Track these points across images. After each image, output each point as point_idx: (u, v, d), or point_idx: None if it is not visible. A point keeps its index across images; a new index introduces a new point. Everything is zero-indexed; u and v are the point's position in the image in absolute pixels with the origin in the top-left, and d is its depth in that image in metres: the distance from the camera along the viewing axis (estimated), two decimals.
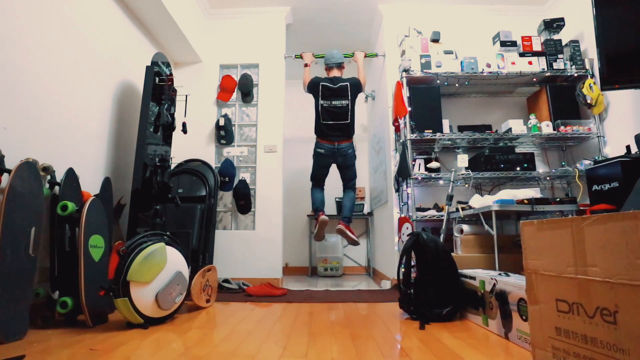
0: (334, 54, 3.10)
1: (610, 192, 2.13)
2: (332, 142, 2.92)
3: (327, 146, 2.92)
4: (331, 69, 3.08)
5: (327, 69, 3.12)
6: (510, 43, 3.07)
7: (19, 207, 1.53)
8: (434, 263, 1.86)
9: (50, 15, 1.96)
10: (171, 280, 1.81)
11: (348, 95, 2.95)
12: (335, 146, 2.91)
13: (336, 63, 3.07)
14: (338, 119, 2.93)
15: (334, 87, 2.95)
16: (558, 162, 3.26)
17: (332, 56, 3.09)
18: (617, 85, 2.26)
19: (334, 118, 2.93)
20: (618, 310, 0.81)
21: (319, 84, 2.97)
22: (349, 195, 3.02)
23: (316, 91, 2.98)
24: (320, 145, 2.95)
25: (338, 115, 2.93)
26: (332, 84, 2.96)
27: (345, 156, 2.93)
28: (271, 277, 3.18)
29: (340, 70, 3.09)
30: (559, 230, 0.98)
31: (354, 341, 1.47)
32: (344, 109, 2.94)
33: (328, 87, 2.96)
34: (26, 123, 1.79)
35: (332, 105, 2.94)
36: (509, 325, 1.46)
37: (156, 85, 2.57)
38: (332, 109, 2.94)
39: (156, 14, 2.81)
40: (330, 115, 2.93)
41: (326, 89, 2.96)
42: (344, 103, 2.94)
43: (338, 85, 2.95)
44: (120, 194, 2.53)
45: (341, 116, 2.93)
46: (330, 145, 2.91)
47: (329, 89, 2.95)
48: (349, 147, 2.94)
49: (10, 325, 1.43)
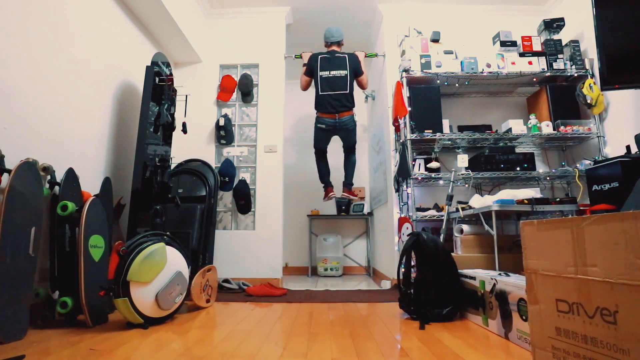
0: (333, 33, 3.14)
1: (610, 192, 2.13)
2: (333, 115, 2.92)
3: (328, 120, 2.93)
4: (330, 45, 3.13)
5: (326, 45, 3.16)
6: (510, 43, 3.07)
7: (19, 207, 1.53)
8: (434, 263, 1.86)
9: (50, 15, 1.96)
10: (171, 280, 1.81)
11: (347, 66, 2.98)
12: (336, 120, 2.92)
13: (336, 41, 3.13)
14: (337, 88, 2.95)
15: (330, 57, 3.00)
16: (558, 162, 3.26)
17: (331, 35, 3.14)
18: (617, 85, 2.25)
19: (333, 88, 2.94)
20: (618, 310, 0.81)
21: (318, 57, 3.03)
22: (352, 159, 3.16)
23: (315, 64, 3.02)
24: (321, 120, 2.95)
25: (337, 85, 2.95)
26: (330, 55, 3.02)
27: (347, 130, 2.97)
28: (271, 277, 3.18)
29: (339, 47, 3.15)
30: (559, 230, 0.98)
31: (354, 341, 1.47)
32: (343, 79, 2.96)
33: (327, 58, 3.01)
34: (26, 123, 1.79)
35: (332, 75, 2.97)
36: (509, 325, 1.46)
37: (156, 85, 2.57)
38: (331, 79, 2.96)
39: (156, 14, 2.81)
40: (330, 85, 2.95)
41: (325, 60, 3.01)
42: (343, 73, 2.97)
43: (336, 56, 3.01)
44: (120, 194, 2.53)
45: (340, 86, 2.95)
46: (331, 119, 2.92)
47: (327, 60, 3.00)
48: (350, 119, 2.96)
49: (10, 325, 1.43)
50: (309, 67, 3.12)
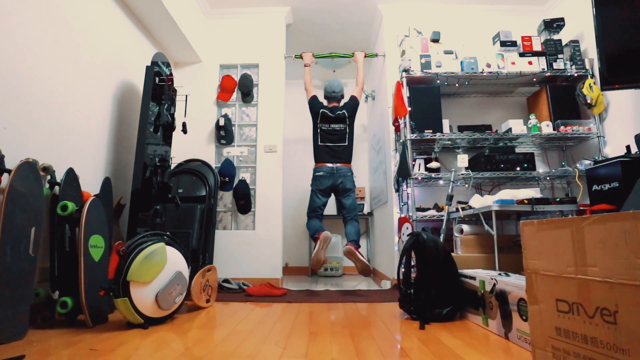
0: (334, 88, 3.13)
1: (610, 192, 2.13)
2: (332, 164, 2.95)
3: (326, 168, 2.95)
4: (331, 102, 3.14)
5: (326, 98, 3.16)
6: (510, 43, 3.07)
7: (19, 207, 1.53)
8: (434, 263, 1.86)
9: (50, 15, 1.96)
10: (171, 280, 1.80)
11: (346, 121, 3.03)
12: (334, 167, 2.94)
13: (336, 98, 3.13)
14: (337, 141, 2.99)
15: (332, 116, 3.03)
16: (558, 162, 3.26)
17: (332, 90, 3.13)
18: (617, 85, 2.25)
19: (332, 141, 2.99)
20: (618, 310, 0.81)
21: (319, 111, 3.04)
22: (353, 224, 2.89)
23: (316, 116, 3.06)
24: (318, 168, 2.98)
25: (337, 138, 3.00)
26: (331, 113, 3.04)
27: (345, 177, 2.93)
28: (271, 277, 3.18)
29: (339, 102, 3.16)
30: (559, 230, 0.98)
31: (354, 341, 1.47)
32: (342, 132, 3.02)
33: (327, 115, 3.03)
34: (26, 123, 1.79)
35: (331, 128, 3.02)
36: (509, 325, 1.46)
37: (156, 85, 2.57)
38: (330, 131, 3.01)
39: (156, 14, 2.81)
40: (329, 138, 3.00)
41: (325, 116, 3.03)
42: (343, 127, 3.02)
43: (336, 114, 3.03)
44: (120, 194, 2.53)
45: (340, 139, 3.00)
46: (329, 167, 2.94)
47: (327, 117, 3.03)
48: (348, 170, 2.98)
49: (10, 325, 1.43)
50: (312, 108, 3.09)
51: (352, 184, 2.97)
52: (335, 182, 2.93)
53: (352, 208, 2.95)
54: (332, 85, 3.14)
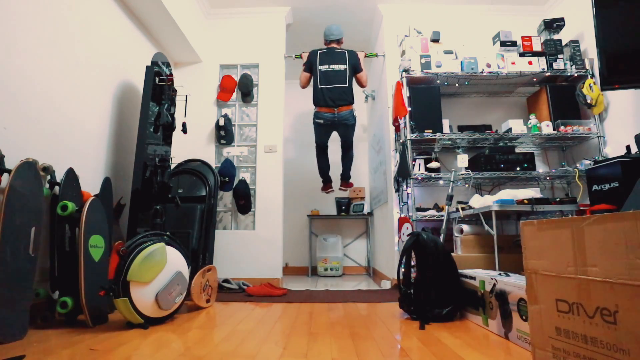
0: (333, 30, 3.15)
1: (610, 192, 2.13)
2: (332, 110, 2.90)
3: (326, 115, 2.91)
4: (330, 43, 3.15)
5: (325, 42, 3.18)
6: (510, 43, 3.07)
7: (19, 207, 1.53)
8: (434, 263, 1.86)
9: (50, 15, 1.96)
10: (171, 280, 1.81)
11: (346, 61, 2.99)
12: (335, 114, 2.90)
13: (335, 39, 3.14)
14: (336, 82, 2.94)
15: (331, 52, 3.02)
16: (558, 162, 3.26)
17: (331, 32, 3.16)
18: (617, 85, 2.25)
19: (332, 82, 2.93)
20: (618, 310, 0.81)
21: (317, 52, 3.04)
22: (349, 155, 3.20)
23: (314, 58, 3.03)
24: (319, 115, 2.93)
25: (336, 79, 2.94)
26: (329, 50, 3.04)
27: (347, 125, 2.96)
28: (271, 277, 3.18)
29: (339, 44, 3.17)
30: (559, 230, 0.98)
31: (354, 341, 1.47)
32: (342, 72, 2.97)
33: (326, 52, 3.02)
34: (26, 123, 1.79)
35: (331, 69, 2.97)
36: (509, 325, 1.46)
37: (156, 85, 2.57)
38: (330, 72, 2.96)
39: (156, 14, 2.81)
40: (329, 79, 2.94)
41: (324, 54, 3.02)
42: (342, 67, 2.98)
43: (336, 51, 3.03)
44: (120, 194, 2.53)
45: (339, 80, 2.95)
46: (330, 113, 2.91)
47: (326, 54, 3.02)
48: (350, 114, 2.94)
49: (10, 325, 1.43)
50: (308, 63, 3.12)
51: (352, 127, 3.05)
52: (337, 129, 3.03)
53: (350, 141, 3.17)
54: (330, 28, 3.16)
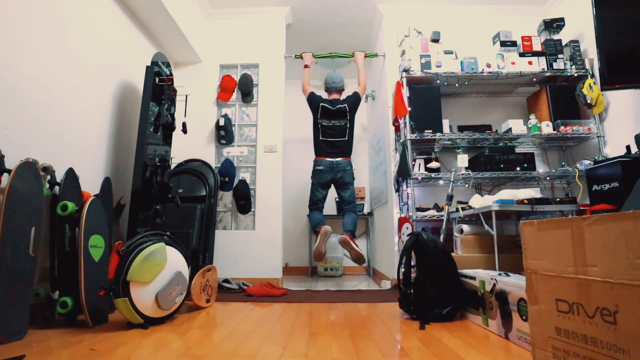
0: (334, 79, 3.14)
1: (610, 192, 2.13)
2: (331, 159, 2.97)
3: (326, 162, 2.97)
4: (331, 93, 3.13)
5: (326, 90, 3.16)
6: (510, 43, 3.07)
7: (19, 207, 1.53)
8: (434, 263, 1.86)
9: (50, 15, 1.96)
10: (171, 280, 1.81)
11: (347, 116, 3.03)
12: (334, 161, 2.96)
13: (336, 88, 3.12)
14: (337, 136, 3.00)
15: (333, 109, 3.02)
16: (558, 162, 3.26)
17: (332, 80, 3.13)
18: (617, 85, 2.25)
19: (333, 136, 3.00)
20: (618, 310, 0.81)
21: (320, 103, 3.04)
22: (351, 215, 2.94)
23: (316, 110, 3.05)
24: (319, 162, 3.00)
25: (337, 133, 3.01)
26: (331, 106, 3.03)
27: (345, 171, 2.96)
28: (271, 277, 3.18)
29: (340, 93, 3.15)
30: (559, 230, 0.98)
31: (354, 341, 1.47)
32: (342, 127, 3.02)
33: (327, 108, 3.02)
34: (26, 123, 1.79)
35: (332, 124, 3.02)
36: (509, 325, 1.46)
37: (156, 85, 2.57)
38: (331, 127, 3.01)
39: (156, 14, 2.81)
40: (330, 133, 3.00)
41: (326, 110, 3.03)
42: (343, 123, 3.02)
43: (337, 107, 3.02)
44: (120, 194, 2.53)
45: (340, 134, 3.01)
46: (329, 161, 2.96)
47: (328, 110, 3.02)
48: (348, 164, 2.99)
49: (10, 325, 1.43)
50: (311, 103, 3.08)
51: (351, 177, 3.00)
52: (335, 176, 2.96)
53: (350, 201, 2.99)
54: (332, 77, 3.14)
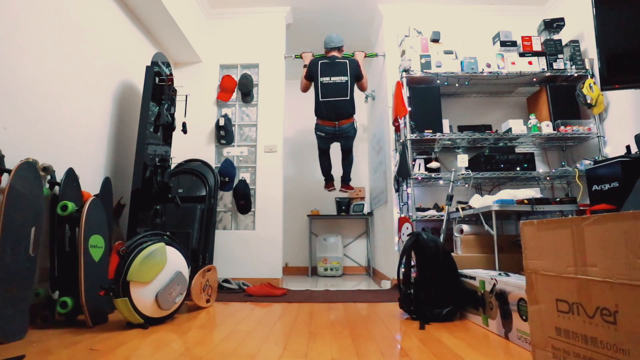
0: (333, 38, 3.15)
1: (610, 192, 2.13)
2: (333, 123, 2.90)
3: (327, 129, 2.92)
4: (330, 51, 3.14)
5: (326, 51, 3.17)
6: (510, 43, 3.07)
7: (19, 207, 1.53)
8: (434, 263, 1.86)
9: (50, 15, 1.96)
10: (171, 280, 1.81)
11: (347, 72, 2.97)
12: (336, 128, 2.91)
13: (336, 47, 3.14)
14: (338, 95, 2.92)
15: (332, 63, 3.00)
16: (558, 162, 3.26)
17: (331, 40, 3.15)
18: (617, 85, 2.25)
19: (333, 95, 2.92)
20: (618, 310, 0.81)
21: (318, 62, 3.03)
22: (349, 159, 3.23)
23: (315, 69, 3.01)
24: (320, 127, 2.94)
25: (338, 91, 2.93)
26: (330, 61, 3.01)
27: (348, 137, 2.98)
28: (271, 277, 3.18)
29: (340, 52, 3.15)
30: (559, 230, 0.98)
31: (354, 341, 1.47)
32: (343, 85, 2.94)
33: (327, 63, 3.00)
34: (26, 123, 1.79)
35: (332, 81, 2.95)
36: (509, 325, 1.46)
37: (156, 85, 2.57)
38: (331, 85, 2.94)
39: (156, 14, 2.81)
40: (330, 92, 2.92)
41: (325, 65, 3.00)
42: (344, 79, 2.95)
43: (337, 62, 3.00)
44: (120, 194, 2.53)
45: (341, 92, 2.93)
46: (331, 127, 2.91)
47: (327, 65, 2.99)
48: (351, 127, 2.95)
49: (10, 325, 1.43)
50: (309, 72, 3.12)
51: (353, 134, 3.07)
52: (338, 141, 3.05)
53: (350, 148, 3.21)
54: (330, 36, 3.16)
